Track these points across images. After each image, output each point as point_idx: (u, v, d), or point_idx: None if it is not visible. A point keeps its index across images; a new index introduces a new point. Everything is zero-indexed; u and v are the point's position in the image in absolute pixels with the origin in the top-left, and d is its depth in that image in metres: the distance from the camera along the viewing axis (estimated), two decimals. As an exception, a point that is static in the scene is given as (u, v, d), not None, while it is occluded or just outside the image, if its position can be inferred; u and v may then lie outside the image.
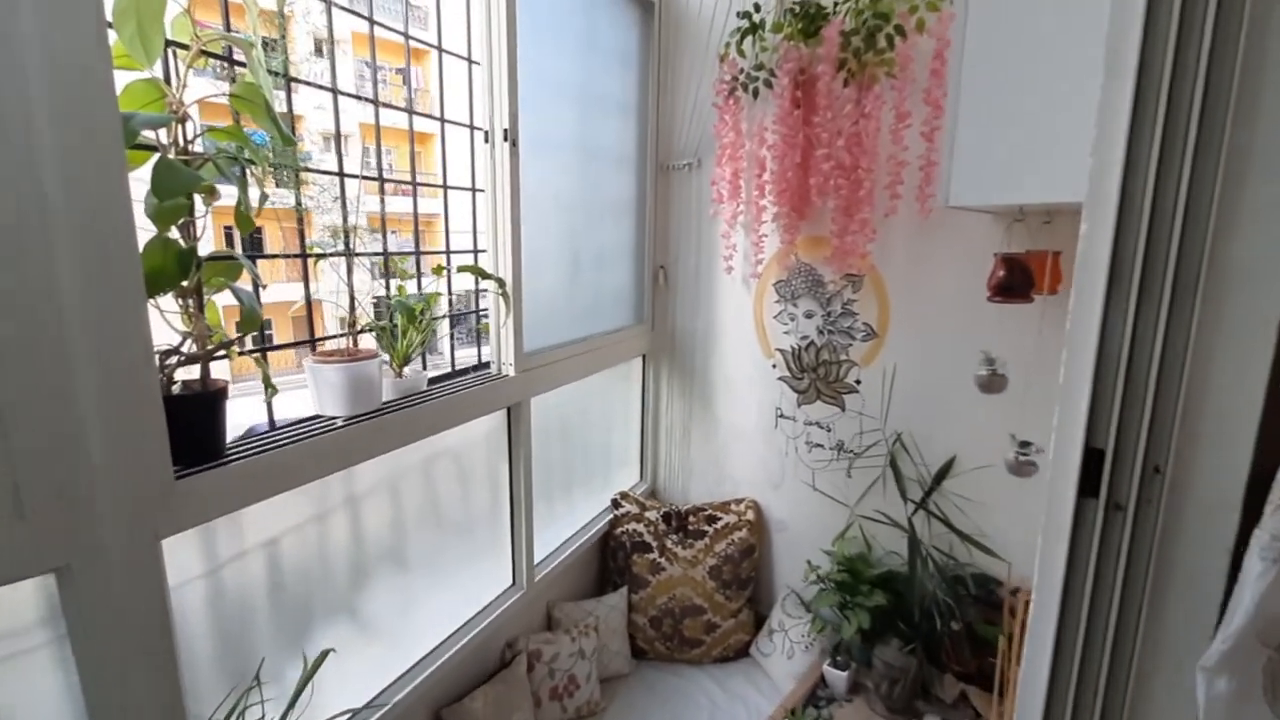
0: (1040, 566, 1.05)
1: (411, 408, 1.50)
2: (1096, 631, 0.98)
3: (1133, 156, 0.87)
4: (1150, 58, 0.85)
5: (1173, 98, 0.83)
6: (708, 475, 2.63)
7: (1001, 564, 1.90)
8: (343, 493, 1.46)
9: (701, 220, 2.44)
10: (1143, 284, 0.88)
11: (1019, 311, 1.69)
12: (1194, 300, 0.86)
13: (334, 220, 1.36)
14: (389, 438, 1.44)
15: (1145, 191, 0.86)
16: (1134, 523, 0.93)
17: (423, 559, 1.68)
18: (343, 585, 1.47)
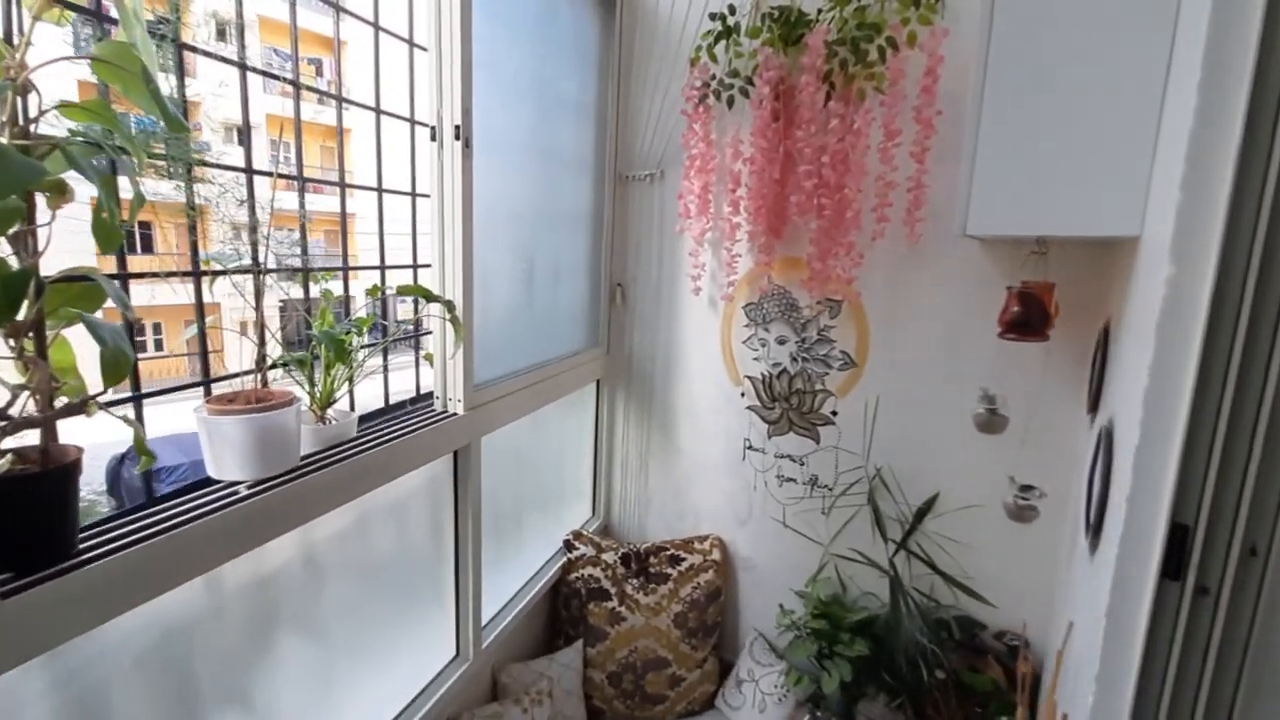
0: (1106, 654, 0.92)
1: (340, 462, 1.21)
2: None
3: (1239, 198, 0.75)
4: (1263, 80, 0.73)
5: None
6: (667, 509, 2.43)
7: (985, 607, 1.81)
8: (247, 564, 1.15)
9: (664, 236, 2.26)
10: (1248, 341, 0.76)
11: (1018, 347, 1.61)
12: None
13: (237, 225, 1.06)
14: (311, 504, 1.15)
15: (1256, 237, 0.74)
16: (1228, 609, 0.81)
17: (348, 636, 1.38)
18: (244, 674, 1.15)
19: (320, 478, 1.16)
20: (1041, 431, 1.63)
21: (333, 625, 1.34)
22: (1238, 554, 0.80)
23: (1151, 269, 0.99)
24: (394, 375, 1.59)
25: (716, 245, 2.13)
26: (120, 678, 0.95)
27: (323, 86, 1.47)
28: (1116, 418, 1.11)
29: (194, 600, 1.05)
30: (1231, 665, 0.82)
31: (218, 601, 1.09)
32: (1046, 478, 1.54)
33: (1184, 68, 0.98)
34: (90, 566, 0.81)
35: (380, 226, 1.47)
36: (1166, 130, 1.03)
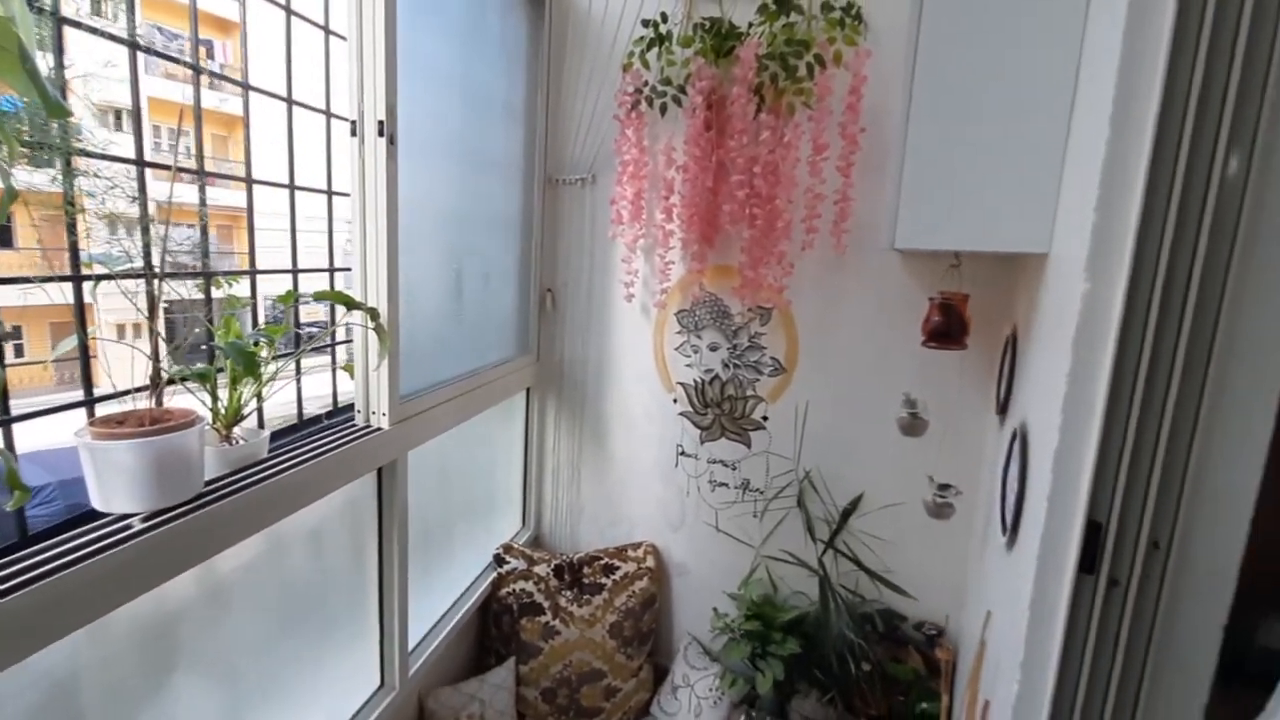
0: (1030, 643, 0.98)
1: (250, 488, 1.10)
2: (1093, 710, 0.93)
3: (1147, 219, 0.82)
4: (1169, 113, 0.80)
5: (1192, 161, 0.79)
6: (600, 518, 2.40)
7: (906, 600, 1.91)
8: (145, 603, 1.01)
9: (595, 241, 2.23)
10: (1154, 352, 0.84)
11: (936, 354, 1.70)
12: (1205, 372, 0.82)
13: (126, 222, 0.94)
14: (216, 537, 1.03)
15: (1161, 256, 0.81)
16: (1135, 600, 0.88)
17: (261, 676, 1.25)
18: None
19: (227, 506, 1.04)
20: (956, 434, 1.74)
21: (243, 664, 1.21)
22: (1144, 548, 0.87)
23: (1062, 284, 1.07)
24: (306, 380, 1.47)
25: (649, 252, 2.13)
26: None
27: (214, 69, 1.33)
28: (1029, 420, 1.19)
29: (80, 648, 0.92)
30: (1139, 650, 0.89)
31: (109, 648, 0.96)
32: (961, 477, 1.64)
33: (1087, 101, 1.07)
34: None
35: (293, 226, 1.35)
36: (1072, 157, 1.12)
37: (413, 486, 1.61)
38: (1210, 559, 0.85)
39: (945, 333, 1.39)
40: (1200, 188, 0.79)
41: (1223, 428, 0.82)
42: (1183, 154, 0.79)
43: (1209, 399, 0.82)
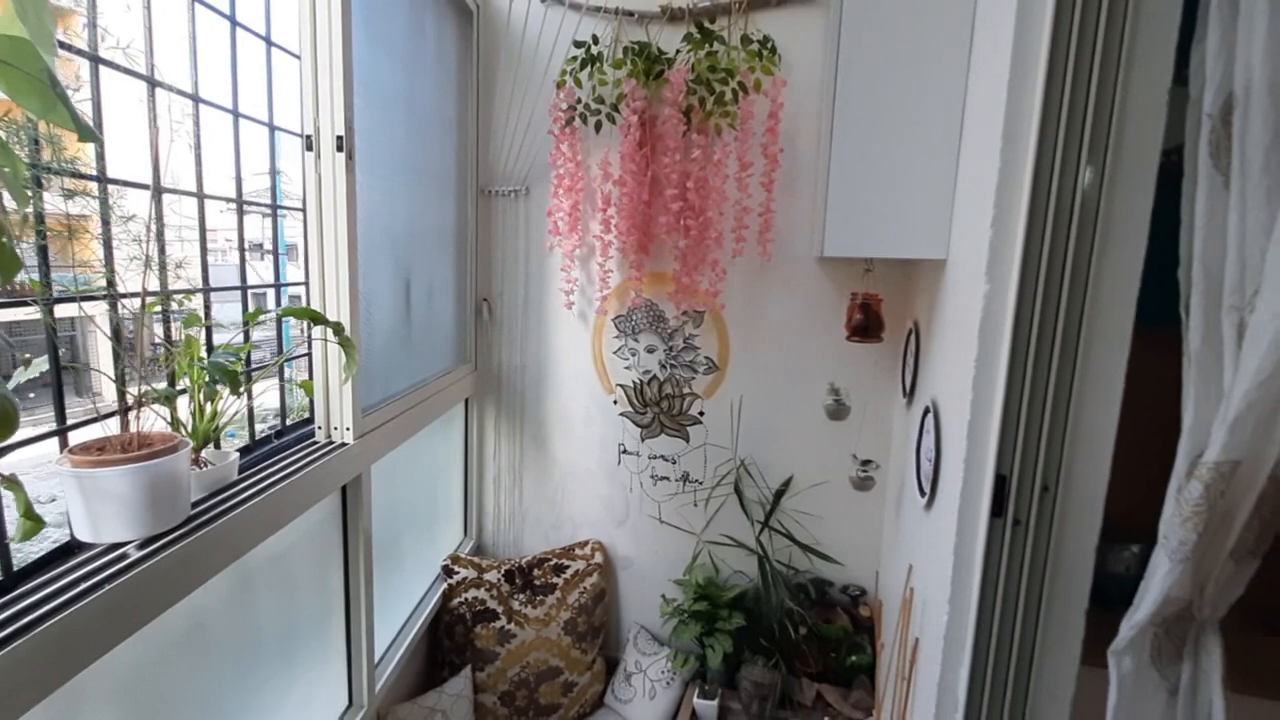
0: (955, 580, 1.20)
1: (234, 510, 1.08)
2: (1007, 628, 1.15)
3: (1030, 233, 1.05)
4: (1043, 149, 1.03)
5: (1060, 195, 1.03)
6: (544, 520, 2.45)
7: (833, 566, 2.14)
8: None
9: (530, 251, 2.29)
10: (1039, 337, 1.07)
11: (853, 347, 1.94)
12: (1076, 350, 1.06)
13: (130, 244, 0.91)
14: (208, 561, 1.01)
15: (1041, 260, 1.04)
16: (1034, 534, 1.11)
17: (229, 704, 1.21)
18: None
19: (215, 530, 1.02)
20: (873, 415, 1.99)
21: (212, 694, 1.17)
22: (1038, 492, 1.10)
23: (963, 284, 1.31)
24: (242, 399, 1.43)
25: (586, 260, 2.22)
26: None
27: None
28: (939, 398, 1.42)
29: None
30: (1038, 574, 1.12)
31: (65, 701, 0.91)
32: (876, 453, 1.89)
33: (972, 141, 1.32)
34: (-38, 669, 0.66)
35: (275, 246, 1.32)
36: (962, 182, 1.37)
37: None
38: (1084, 495, 1.09)
39: (865, 328, 1.61)
40: (1066, 214, 1.03)
41: (1090, 392, 1.07)
42: (1053, 188, 1.03)
43: (1079, 370, 1.06)
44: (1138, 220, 1.03)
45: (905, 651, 1.48)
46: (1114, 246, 1.04)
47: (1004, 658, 1.16)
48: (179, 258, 1.17)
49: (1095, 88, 1.01)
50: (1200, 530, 0.87)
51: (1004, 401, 1.09)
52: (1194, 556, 0.89)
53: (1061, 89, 1.02)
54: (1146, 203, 1.03)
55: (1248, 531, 0.87)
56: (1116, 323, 1.06)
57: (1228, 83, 0.90)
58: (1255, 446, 0.83)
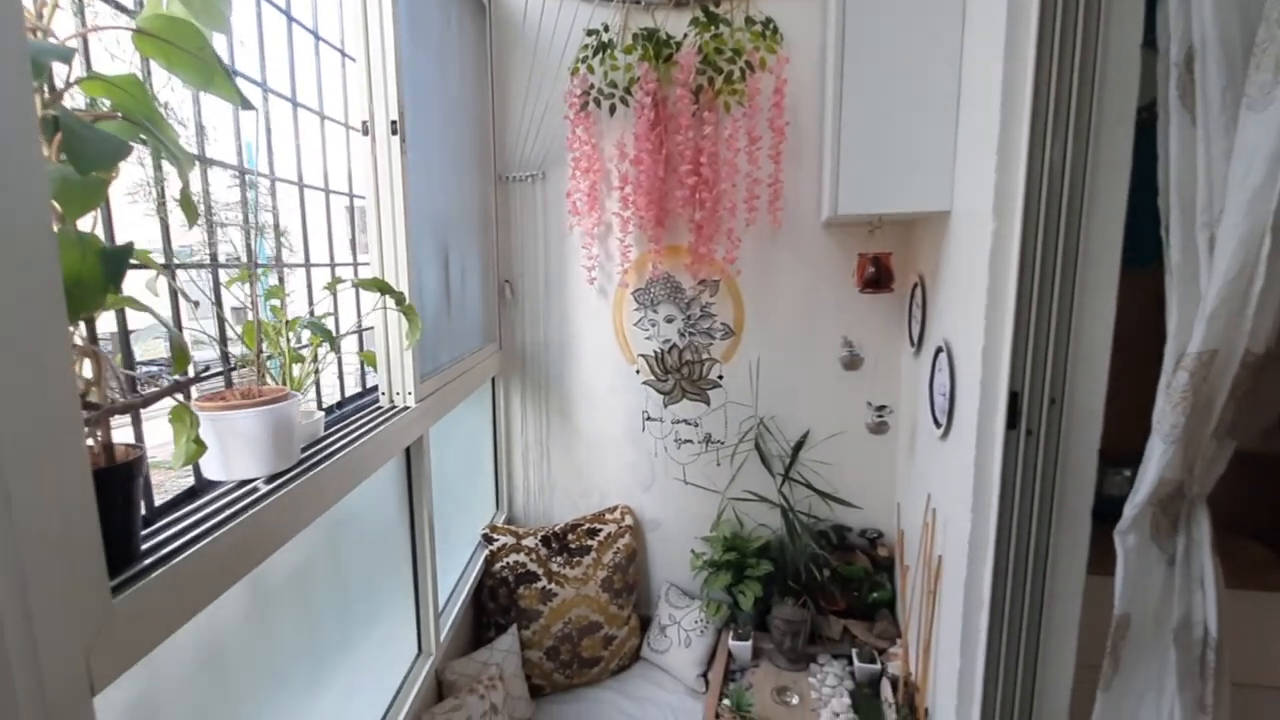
0: (977, 489, 1.35)
1: (326, 460, 1.19)
2: (1024, 529, 1.30)
3: (1031, 174, 1.20)
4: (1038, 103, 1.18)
5: (1054, 135, 1.18)
6: (572, 490, 2.58)
7: (852, 512, 2.29)
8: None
9: (549, 232, 2.41)
10: (1042, 267, 1.22)
11: (863, 303, 2.09)
12: (1074, 275, 1.21)
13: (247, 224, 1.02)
14: (312, 499, 1.13)
15: (1042, 198, 1.19)
16: (1044, 443, 1.26)
17: (326, 660, 1.32)
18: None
19: (319, 473, 1.14)
20: (884, 364, 2.15)
21: (309, 647, 1.28)
22: (1046, 405, 1.25)
23: (968, 229, 1.46)
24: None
25: (605, 238, 2.35)
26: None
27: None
28: (950, 338, 1.57)
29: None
30: (1049, 479, 1.27)
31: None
32: (890, 398, 2.04)
33: (970, 101, 1.46)
34: (163, 569, 0.77)
35: (328, 226, 1.43)
36: (964, 135, 1.51)
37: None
38: (1086, 406, 1.25)
39: (878, 280, 1.76)
40: (1060, 159, 1.18)
41: (1088, 313, 1.22)
42: (1048, 137, 1.17)
43: (1078, 294, 1.21)
44: (1121, 160, 1.18)
45: (930, 569, 1.63)
46: (1103, 185, 1.19)
47: (1023, 553, 1.31)
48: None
49: (1079, 48, 1.15)
50: (1188, 413, 1.02)
51: (1014, 325, 1.24)
52: (1183, 438, 1.04)
53: (1050, 50, 1.16)
54: (1128, 144, 1.18)
55: (1226, 412, 1.02)
56: (1108, 250, 1.21)
57: (1187, 37, 1.05)
58: (1228, 336, 0.98)
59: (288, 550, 1.17)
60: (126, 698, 0.81)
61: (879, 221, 1.74)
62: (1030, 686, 1.34)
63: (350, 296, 1.52)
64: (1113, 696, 1.20)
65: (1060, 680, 1.33)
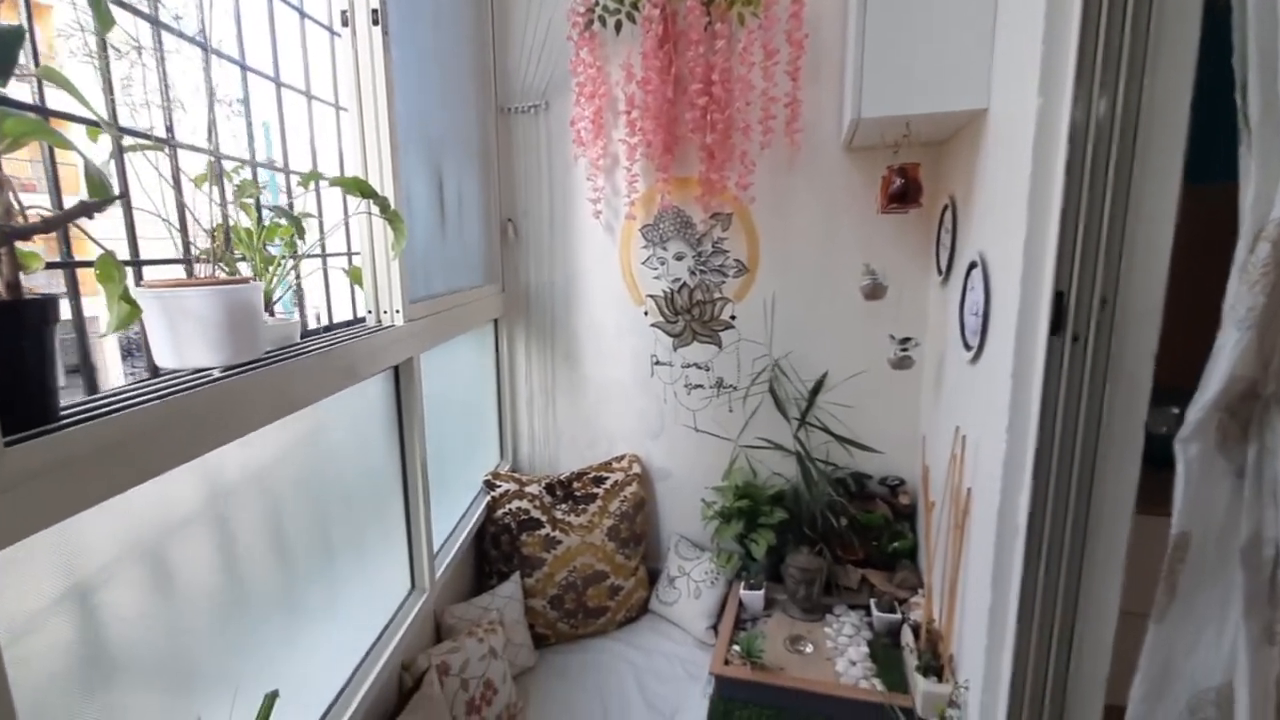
0: (1014, 405, 1.21)
1: (295, 358, 1.10)
2: (1066, 448, 1.16)
3: (1082, 51, 1.04)
4: None
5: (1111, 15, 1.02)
6: (579, 439, 2.48)
7: (872, 459, 2.16)
8: (189, 498, 0.99)
9: (553, 167, 2.29)
10: (1094, 156, 1.07)
11: (886, 231, 1.94)
12: (1131, 162, 1.06)
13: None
14: (278, 400, 1.04)
15: (1094, 78, 1.04)
16: (1094, 349, 1.13)
17: (304, 580, 1.24)
18: (206, 637, 1.00)
19: (288, 368, 1.05)
20: (909, 295, 2.00)
21: (288, 564, 1.20)
22: (1096, 306, 1.11)
23: (1006, 127, 1.31)
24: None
25: (611, 170, 2.22)
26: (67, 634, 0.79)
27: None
28: (985, 249, 1.43)
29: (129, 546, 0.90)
30: (1098, 389, 1.13)
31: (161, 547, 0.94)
32: (915, 330, 1.90)
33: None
34: (77, 428, 0.68)
35: (310, 124, 1.32)
36: (1003, 22, 1.35)
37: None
38: (1142, 305, 1.10)
39: (904, 194, 1.61)
40: (1118, 27, 1.03)
41: (1147, 199, 1.07)
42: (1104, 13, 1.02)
43: (1135, 181, 1.06)
44: (1189, 21, 1.03)
45: (958, 504, 1.50)
46: (1166, 49, 1.03)
47: (1064, 475, 1.17)
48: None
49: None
50: (1269, 291, 0.88)
51: (1061, 215, 1.10)
52: (1260, 323, 0.90)
53: (1111, -116, 1.00)
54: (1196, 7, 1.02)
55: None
56: (1171, 130, 1.05)
57: None
58: (1324, 196, 0.83)
59: (262, 464, 1.08)
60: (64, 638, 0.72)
61: (905, 136, 1.59)
62: (1070, 624, 1.21)
63: (335, 206, 1.42)
64: (1166, 629, 1.07)
65: (1104, 616, 1.20)
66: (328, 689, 1.26)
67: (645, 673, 2.02)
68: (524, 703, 1.90)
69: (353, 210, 1.34)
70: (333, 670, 1.30)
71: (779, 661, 1.79)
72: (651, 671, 2.02)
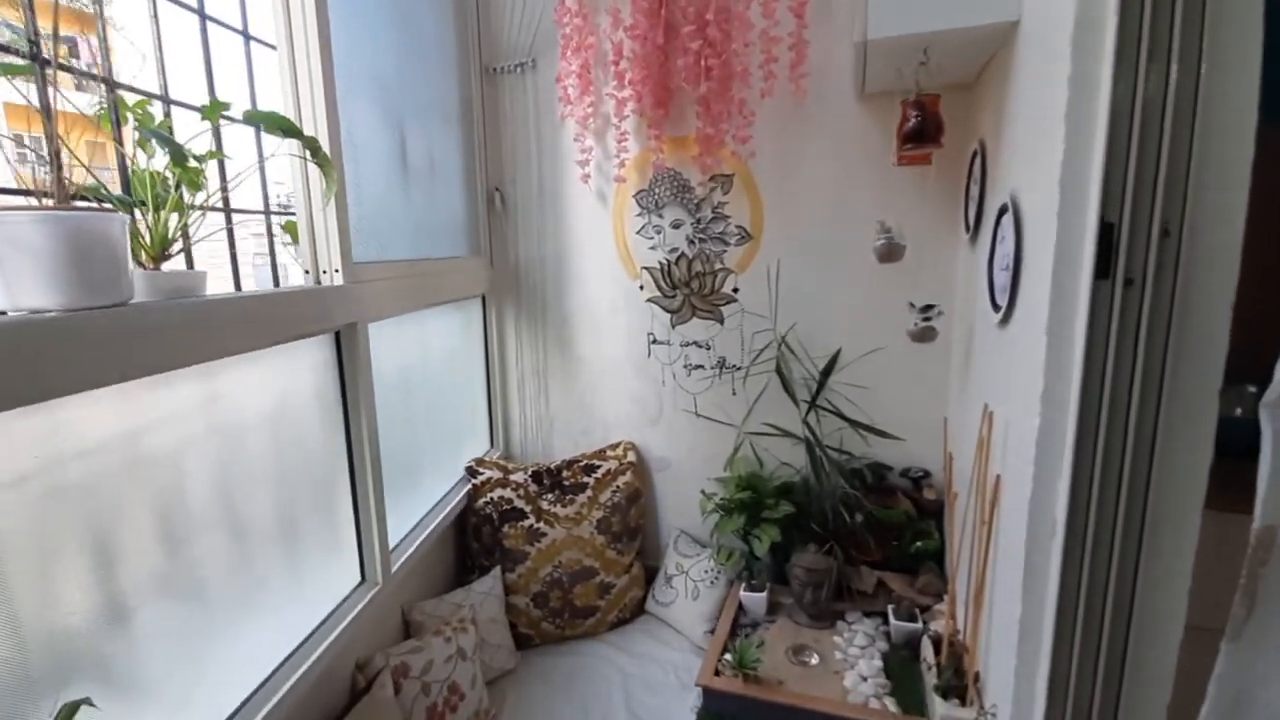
0: (1049, 367, 0.98)
1: (189, 308, 0.95)
2: (1117, 421, 0.93)
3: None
4: None
5: None
6: (572, 426, 2.31)
7: (892, 449, 1.92)
8: (85, 457, 0.85)
9: (542, 131, 2.11)
10: (1152, 43, 0.83)
11: (903, 187, 1.71)
12: (1200, 46, 0.82)
13: None
14: (154, 349, 0.88)
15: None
16: (1153, 294, 0.88)
17: (221, 567, 1.09)
18: (86, 619, 0.86)
19: (167, 319, 0.90)
20: (931, 257, 1.75)
21: (199, 549, 1.05)
22: (1156, 238, 0.87)
23: (1039, 43, 1.07)
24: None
25: (602, 133, 2.04)
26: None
27: None
28: (1019, 188, 1.19)
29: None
30: (1158, 346, 0.89)
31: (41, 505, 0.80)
32: (940, 296, 1.65)
33: None
34: None
35: (204, 40, 1.17)
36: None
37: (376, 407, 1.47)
38: (1216, 238, 0.86)
39: (921, 132, 1.37)
40: None
41: (1221, 96, 0.83)
42: None
43: (1205, 76, 0.82)
44: None
45: (984, 494, 1.26)
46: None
47: (1114, 456, 0.93)
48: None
49: None
50: None
51: (1109, 122, 0.86)
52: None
53: None
54: None
55: None
56: (1243, 29, 0.81)
57: None
58: None
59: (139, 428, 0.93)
60: None
61: (923, 64, 1.35)
62: (1122, 642, 0.97)
63: (281, 167, 1.27)
64: (1242, 649, 0.82)
65: (1165, 632, 0.95)
66: (242, 687, 1.11)
67: (634, 680, 1.83)
68: (498, 709, 1.73)
69: (273, 152, 1.19)
70: (252, 667, 1.15)
71: (778, 674, 1.57)
72: (641, 679, 1.83)
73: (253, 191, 1.33)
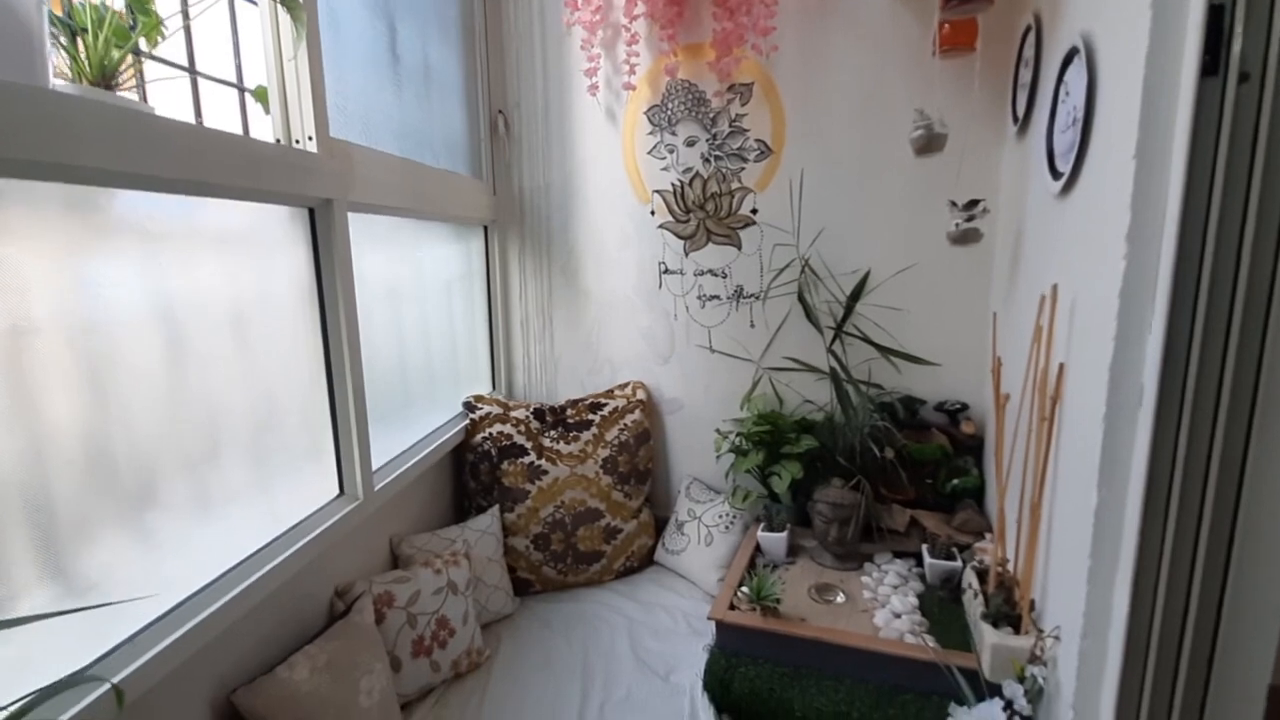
0: (1136, 200, 0.81)
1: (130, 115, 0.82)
2: (1224, 262, 0.76)
3: None
4: None
5: None
6: (579, 366, 2.16)
7: (928, 378, 1.75)
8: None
9: (547, 47, 1.98)
10: None
11: (944, 78, 1.54)
12: None
13: None
14: (78, 149, 0.75)
15: None
16: (1275, 94, 0.72)
17: (179, 464, 0.96)
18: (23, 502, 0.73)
19: (105, 116, 0.77)
20: (975, 149, 1.58)
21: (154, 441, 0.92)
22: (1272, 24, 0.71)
23: None
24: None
25: (612, 44, 1.89)
26: None
27: None
28: (1089, 26, 1.02)
29: None
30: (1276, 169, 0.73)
31: None
32: (984, 193, 1.48)
33: None
34: None
35: None
36: None
37: (365, 344, 1.34)
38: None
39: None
40: None
41: None
42: None
43: None
44: None
45: (1044, 390, 1.09)
46: None
47: (1222, 298, 0.77)
48: None
49: None
50: None
51: None
52: None
53: None
54: None
55: None
56: None
57: None
58: None
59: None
60: None
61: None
62: (1228, 528, 0.80)
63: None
64: None
65: None
66: (201, 581, 0.98)
67: (640, 626, 1.68)
68: (492, 651, 1.59)
69: None
70: (212, 565, 1.02)
71: (799, 611, 1.41)
72: (648, 625, 1.68)
73: (225, 58, 1.21)
